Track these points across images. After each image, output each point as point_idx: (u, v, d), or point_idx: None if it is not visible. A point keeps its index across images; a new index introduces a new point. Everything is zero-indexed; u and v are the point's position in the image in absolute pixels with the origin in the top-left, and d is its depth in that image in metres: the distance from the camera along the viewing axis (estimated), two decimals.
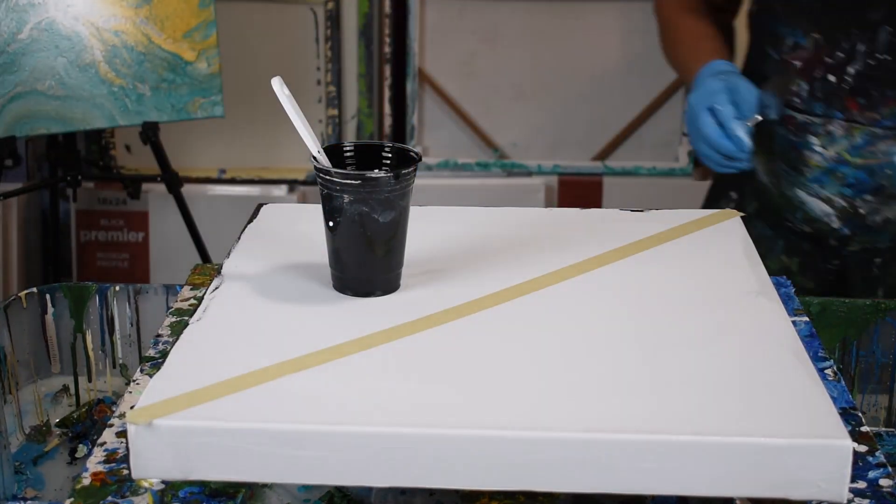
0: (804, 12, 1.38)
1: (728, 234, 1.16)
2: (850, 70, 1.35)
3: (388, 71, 2.92)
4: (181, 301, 1.22)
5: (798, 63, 1.39)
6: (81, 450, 1.25)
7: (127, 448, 0.84)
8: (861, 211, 1.45)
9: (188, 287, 1.25)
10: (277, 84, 0.99)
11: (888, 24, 1.34)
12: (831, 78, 1.36)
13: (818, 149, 1.42)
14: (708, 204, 1.70)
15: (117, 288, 1.32)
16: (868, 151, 1.38)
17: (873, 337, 1.29)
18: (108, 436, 0.97)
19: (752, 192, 1.57)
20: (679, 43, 1.56)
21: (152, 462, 0.83)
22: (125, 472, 0.92)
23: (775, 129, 1.46)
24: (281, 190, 2.88)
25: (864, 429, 0.98)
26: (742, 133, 1.31)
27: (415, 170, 1.00)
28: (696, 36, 1.52)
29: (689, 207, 1.25)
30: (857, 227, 1.46)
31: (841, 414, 0.87)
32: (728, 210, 1.22)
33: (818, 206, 1.48)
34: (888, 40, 1.34)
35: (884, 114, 1.36)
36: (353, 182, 0.98)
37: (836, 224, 1.47)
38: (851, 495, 0.88)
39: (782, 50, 1.41)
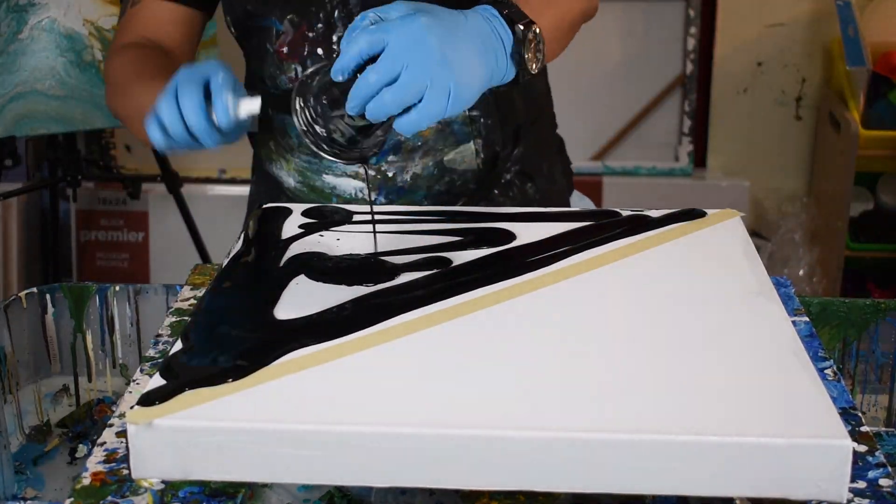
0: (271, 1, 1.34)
1: (728, 234, 1.16)
2: (335, 38, 1.31)
3: None
4: (181, 301, 1.22)
5: (285, 49, 1.34)
6: (81, 450, 1.25)
7: (127, 448, 0.84)
8: (390, 174, 1.37)
9: (188, 287, 1.25)
10: None
11: None
12: (319, 51, 1.32)
13: None
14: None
15: (117, 288, 1.32)
16: None
17: (873, 337, 1.29)
18: (108, 436, 0.97)
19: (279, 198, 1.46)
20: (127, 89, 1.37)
21: (152, 462, 0.83)
22: (125, 472, 0.92)
23: (277, 124, 1.39)
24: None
25: (864, 429, 0.98)
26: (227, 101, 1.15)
27: None
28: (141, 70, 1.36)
29: (689, 207, 1.25)
30: (391, 192, 1.38)
31: (841, 414, 0.87)
32: (728, 210, 1.22)
33: (348, 185, 1.39)
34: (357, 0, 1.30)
35: None
36: None
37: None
38: (851, 495, 0.88)
39: (273, 42, 1.35)
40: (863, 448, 0.95)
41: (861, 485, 0.90)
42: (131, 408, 0.84)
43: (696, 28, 2.95)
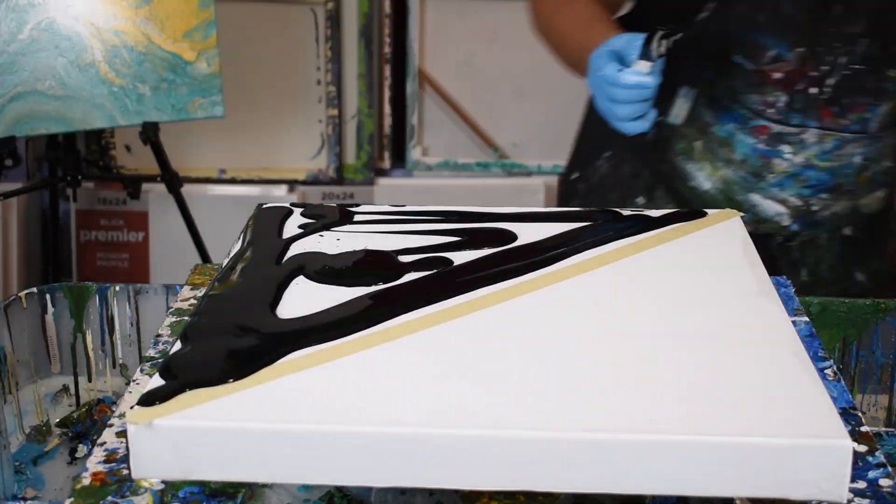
0: (789, 27, 1.38)
1: (728, 234, 1.16)
2: (829, 82, 1.36)
3: (388, 71, 2.92)
4: (181, 301, 1.22)
5: (778, 75, 1.38)
6: (81, 450, 1.25)
7: (127, 448, 0.84)
8: (814, 208, 1.46)
9: (188, 287, 1.25)
10: None
11: (866, 36, 1.36)
12: (812, 90, 1.37)
13: (788, 156, 1.42)
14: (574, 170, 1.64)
15: (117, 288, 1.32)
16: (835, 156, 1.40)
17: (873, 337, 1.29)
18: (108, 436, 0.97)
19: (656, 175, 1.53)
20: (569, 31, 1.49)
21: (152, 462, 0.83)
22: (125, 472, 0.92)
23: (737, 140, 1.45)
24: (281, 190, 2.88)
25: (864, 429, 0.98)
26: (646, 67, 1.26)
27: None
28: (585, 20, 1.46)
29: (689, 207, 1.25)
30: (805, 223, 1.47)
31: (841, 414, 0.87)
32: (728, 210, 1.22)
33: (772, 208, 1.47)
34: (864, 52, 1.36)
35: (852, 119, 1.38)
36: None
37: (786, 222, 1.46)
38: (851, 495, 0.88)
39: (761, 61, 1.40)
40: (863, 448, 0.95)
41: (861, 485, 0.90)
42: (131, 408, 0.84)
43: None
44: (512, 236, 1.16)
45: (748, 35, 1.39)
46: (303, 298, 1.02)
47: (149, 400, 0.85)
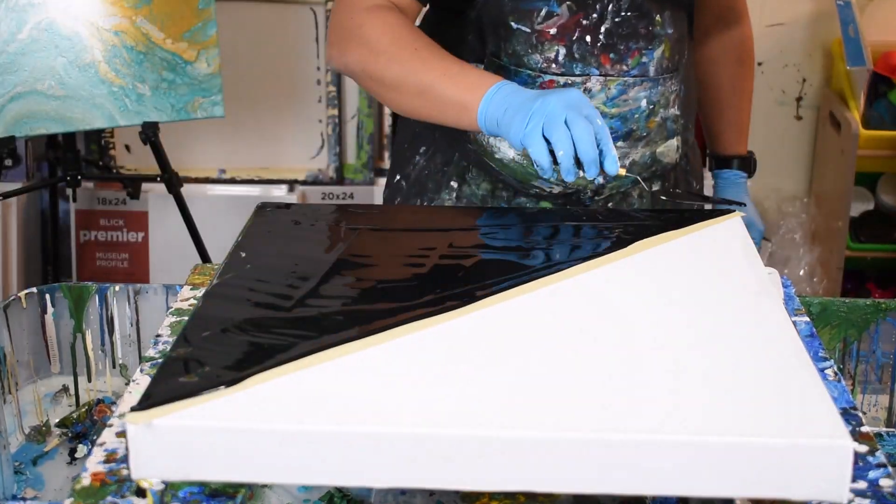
0: None
1: (728, 234, 1.16)
2: (602, 29, 1.41)
3: None
4: (181, 301, 1.22)
5: (553, 31, 1.41)
6: (81, 450, 1.25)
7: (127, 448, 0.84)
8: None
9: (188, 287, 1.25)
10: None
11: None
12: (587, 38, 1.41)
13: None
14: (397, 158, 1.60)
15: (117, 288, 1.32)
16: (621, 100, 1.43)
17: (873, 337, 1.29)
18: (107, 436, 0.97)
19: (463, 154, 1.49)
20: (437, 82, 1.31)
21: (152, 462, 0.83)
22: (125, 472, 0.92)
23: None
24: (281, 190, 2.88)
25: (865, 429, 0.98)
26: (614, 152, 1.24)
27: None
28: (438, 54, 1.36)
29: (689, 207, 1.25)
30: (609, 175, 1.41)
31: (841, 414, 0.87)
32: (728, 210, 1.22)
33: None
34: None
35: (630, 64, 1.42)
36: None
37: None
38: (852, 495, 0.88)
39: (535, 22, 1.42)
40: (863, 448, 0.95)
41: (861, 485, 0.90)
42: (131, 408, 0.84)
43: None
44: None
45: (520, 1, 1.42)
46: (303, 298, 1.02)
47: (149, 400, 0.85)
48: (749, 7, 1.69)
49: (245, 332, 0.96)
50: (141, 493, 0.90)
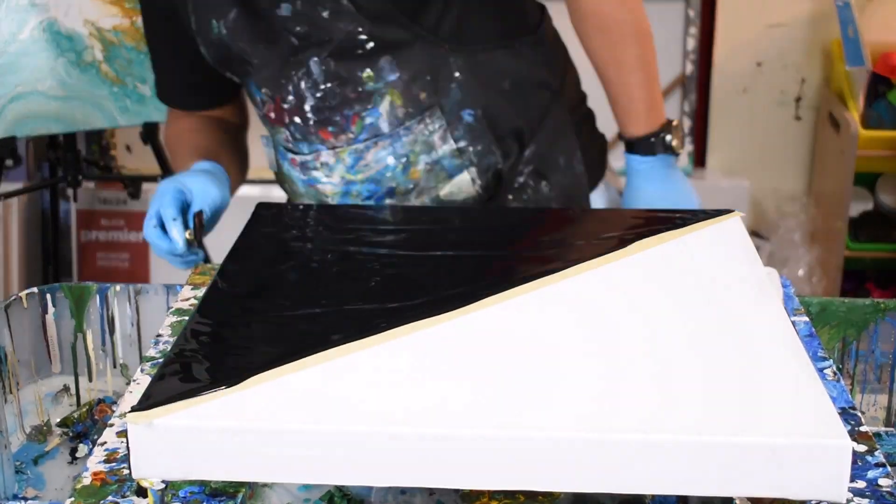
0: (250, 71, 1.41)
1: (728, 234, 1.16)
2: (306, 108, 1.38)
3: None
4: (181, 301, 1.22)
5: (272, 114, 1.42)
6: (82, 449, 1.25)
7: (127, 447, 0.84)
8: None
9: (188, 287, 1.25)
10: None
11: (315, 56, 1.36)
12: (297, 119, 1.40)
13: (326, 180, 1.42)
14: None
15: (118, 288, 1.32)
16: (362, 166, 1.39)
17: (873, 337, 1.29)
18: (108, 435, 0.97)
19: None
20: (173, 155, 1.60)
21: (153, 461, 0.83)
22: (125, 471, 0.92)
23: (292, 175, 1.48)
24: (281, 190, 2.88)
25: (864, 429, 0.98)
26: (177, 233, 1.32)
27: None
28: (184, 139, 1.55)
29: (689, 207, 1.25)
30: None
31: (840, 414, 0.87)
32: (728, 210, 1.22)
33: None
34: (321, 70, 1.36)
35: (355, 131, 1.38)
36: None
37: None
38: (851, 495, 0.89)
39: (259, 108, 1.45)
40: (862, 448, 0.95)
41: (860, 485, 0.90)
42: (132, 408, 0.84)
43: (695, 28, 2.95)
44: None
45: (246, 86, 1.46)
46: (302, 299, 1.02)
47: (149, 400, 0.85)
48: (749, 7, 1.66)
49: (245, 332, 0.96)
50: (142, 492, 0.90)
